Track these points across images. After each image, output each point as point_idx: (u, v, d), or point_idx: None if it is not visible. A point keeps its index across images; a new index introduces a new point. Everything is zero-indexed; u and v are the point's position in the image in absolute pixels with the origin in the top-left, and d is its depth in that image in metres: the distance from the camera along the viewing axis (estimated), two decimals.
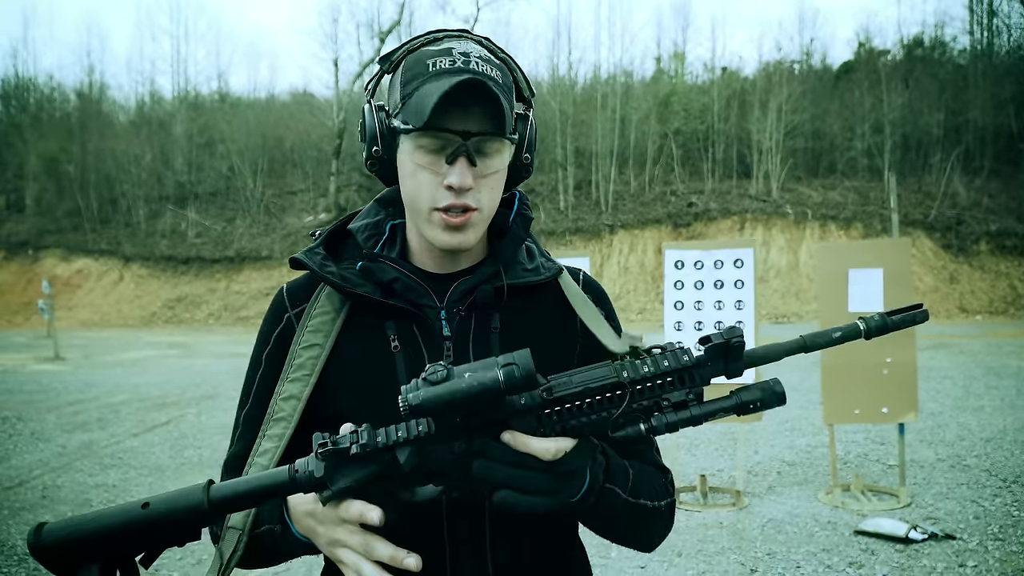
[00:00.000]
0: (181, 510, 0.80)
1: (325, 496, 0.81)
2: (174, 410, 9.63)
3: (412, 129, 0.94)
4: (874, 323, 0.81)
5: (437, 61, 0.96)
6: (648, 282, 28.02)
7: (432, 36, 1.01)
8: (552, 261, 1.14)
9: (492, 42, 1.03)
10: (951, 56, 36.57)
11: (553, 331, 1.10)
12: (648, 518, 1.02)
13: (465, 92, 0.91)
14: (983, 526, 4.66)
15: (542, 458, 0.81)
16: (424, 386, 0.76)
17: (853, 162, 32.21)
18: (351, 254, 1.09)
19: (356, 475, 0.80)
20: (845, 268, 5.46)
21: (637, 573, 4.12)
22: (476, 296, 1.04)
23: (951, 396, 9.29)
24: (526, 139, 1.04)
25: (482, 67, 0.96)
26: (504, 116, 0.94)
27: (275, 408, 0.99)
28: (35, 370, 14.73)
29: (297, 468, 0.81)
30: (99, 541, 0.79)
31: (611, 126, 33.08)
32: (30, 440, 7.86)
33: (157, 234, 35.13)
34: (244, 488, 0.82)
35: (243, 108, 41.34)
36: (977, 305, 24.98)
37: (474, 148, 0.96)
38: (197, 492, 0.81)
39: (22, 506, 5.52)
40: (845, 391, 5.37)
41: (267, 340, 1.09)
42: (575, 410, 0.81)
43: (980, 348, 15.00)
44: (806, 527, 4.77)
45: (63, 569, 0.79)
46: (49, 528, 0.79)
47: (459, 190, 0.96)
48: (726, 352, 0.80)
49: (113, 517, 0.79)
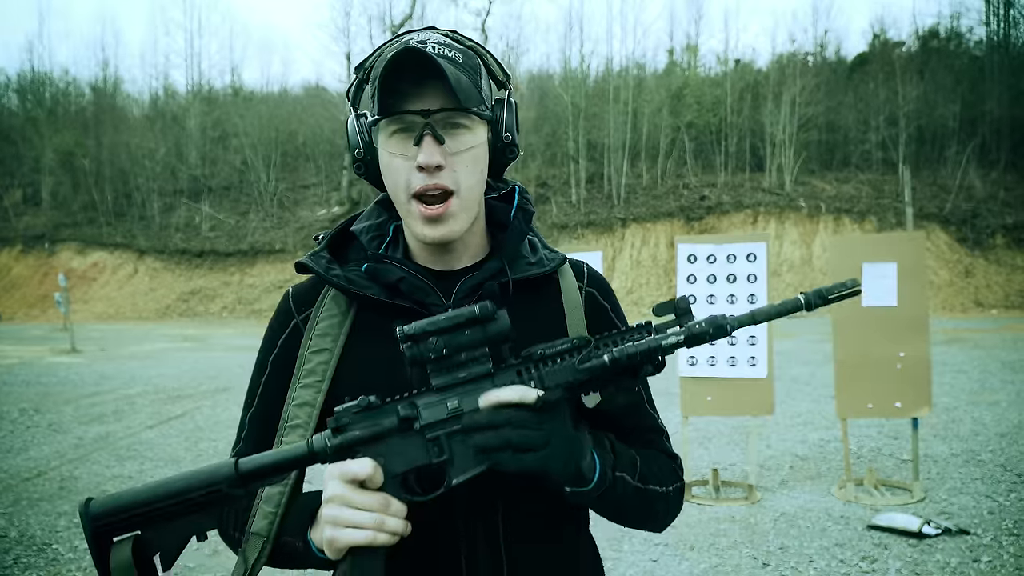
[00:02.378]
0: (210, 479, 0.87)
1: (333, 444, 0.88)
2: (189, 402, 9.71)
3: (378, 119, 0.98)
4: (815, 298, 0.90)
5: (392, 53, 0.96)
6: (660, 276, 27.95)
7: (397, 39, 1.03)
8: (555, 251, 1.14)
9: (459, 33, 1.05)
10: (967, 47, 36.22)
11: (559, 322, 1.10)
12: (657, 502, 1.04)
13: (413, 69, 0.93)
14: (997, 521, 4.64)
15: (523, 402, 0.87)
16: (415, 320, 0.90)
17: (867, 155, 31.98)
18: (356, 256, 1.10)
19: (365, 428, 0.88)
20: (859, 262, 5.43)
21: (649, 567, 4.13)
22: (482, 292, 1.05)
23: (966, 390, 9.23)
24: (503, 120, 1.05)
25: (438, 50, 0.97)
26: (461, 89, 0.94)
27: (289, 415, 1.01)
28: (52, 362, 14.87)
29: (313, 441, 0.89)
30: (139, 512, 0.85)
31: (623, 119, 32.97)
32: (47, 432, 7.95)
33: (171, 227, 35.34)
34: (271, 460, 0.89)
35: (256, 102, 41.47)
36: (993, 299, 24.77)
37: (440, 126, 0.97)
38: (227, 467, 0.88)
39: (40, 497, 5.59)
40: (858, 385, 5.35)
41: (273, 345, 1.10)
42: (548, 363, 0.91)
43: (995, 342, 14.88)
44: (819, 521, 4.77)
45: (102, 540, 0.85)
46: (96, 501, 0.86)
47: (428, 168, 0.97)
48: (667, 310, 0.92)
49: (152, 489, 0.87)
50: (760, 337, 5.37)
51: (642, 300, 26.68)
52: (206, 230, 35.00)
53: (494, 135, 1.05)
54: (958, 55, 35.41)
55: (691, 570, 4.08)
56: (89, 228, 35.95)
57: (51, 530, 4.86)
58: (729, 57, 38.26)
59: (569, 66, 37.07)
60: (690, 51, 39.41)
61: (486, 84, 1.05)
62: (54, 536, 4.75)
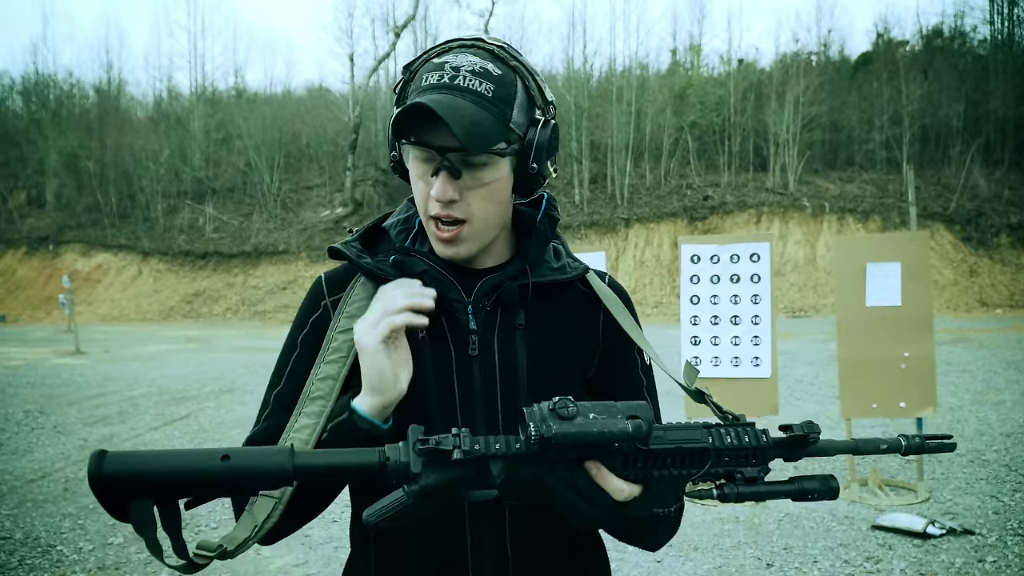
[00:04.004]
0: (263, 471, 0.78)
1: (412, 490, 0.80)
2: (193, 404, 9.72)
3: (401, 143, 1.00)
4: (914, 444, 0.93)
5: (428, 76, 0.97)
6: (664, 276, 27.93)
7: (447, 46, 1.02)
8: (579, 262, 1.15)
9: (507, 49, 1.02)
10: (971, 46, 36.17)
11: (576, 330, 1.12)
12: (657, 524, 1.03)
13: (425, 115, 0.92)
14: (1002, 521, 4.63)
15: (615, 497, 0.87)
16: (554, 419, 0.79)
17: (871, 154, 31.93)
18: (385, 249, 1.12)
19: (446, 475, 0.81)
20: (863, 262, 5.42)
21: (653, 567, 4.13)
22: (502, 292, 1.06)
23: (970, 390, 9.21)
24: (534, 145, 1.02)
25: (468, 81, 0.96)
26: (478, 134, 0.94)
27: (312, 388, 1.02)
28: (56, 364, 14.90)
29: (388, 455, 0.80)
30: (166, 482, 0.76)
31: (626, 119, 32.97)
32: (52, 433, 7.97)
33: (175, 229, 35.42)
34: (329, 461, 0.81)
35: (260, 104, 41.58)
36: (997, 299, 24.71)
37: (458, 162, 0.97)
38: (282, 456, 0.78)
39: (45, 498, 5.60)
40: (863, 385, 5.34)
41: (304, 324, 1.11)
42: (660, 463, 0.88)
43: (1000, 342, 14.84)
44: (823, 522, 4.76)
45: (115, 501, 0.75)
46: (113, 457, 0.74)
47: (439, 201, 0.99)
48: (799, 443, 0.90)
49: (188, 462, 0.77)
50: (764, 337, 5.36)
51: (645, 300, 26.66)
52: (210, 232, 35.06)
53: (521, 164, 1.04)
54: (962, 54, 35.37)
55: (695, 570, 4.08)
56: (93, 230, 36.03)
57: (56, 531, 4.86)
58: (732, 57, 38.29)
59: (572, 66, 37.11)
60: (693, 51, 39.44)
61: (520, 113, 1.01)
62: (59, 537, 4.76)
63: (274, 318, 28.39)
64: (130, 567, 4.26)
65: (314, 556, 4.36)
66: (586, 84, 35.26)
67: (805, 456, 0.91)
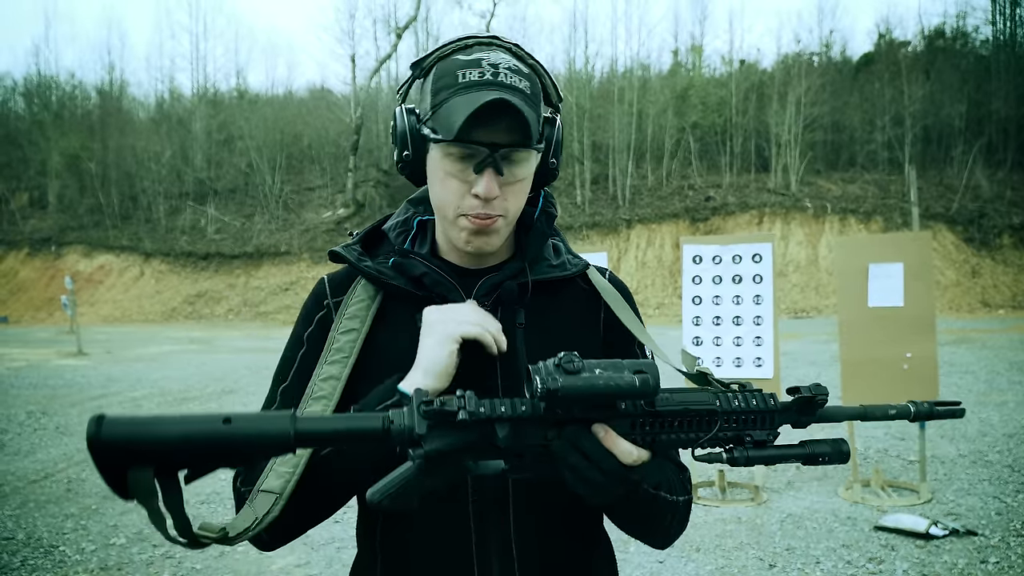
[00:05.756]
0: (265, 435, 0.75)
1: (418, 454, 0.78)
2: (195, 404, 9.73)
3: (442, 140, 0.97)
4: (923, 409, 0.91)
5: (466, 72, 0.98)
6: (666, 277, 27.93)
7: (462, 43, 1.02)
8: (578, 257, 1.16)
9: (521, 48, 1.04)
10: (973, 47, 36.16)
11: (576, 327, 1.12)
12: (666, 511, 1.03)
13: (493, 109, 0.93)
14: (1005, 522, 4.62)
15: (623, 460, 0.85)
16: (560, 374, 0.77)
17: (873, 155, 31.92)
18: (385, 251, 1.12)
19: (451, 439, 0.79)
20: (865, 262, 5.41)
21: (655, 568, 4.13)
22: (501, 292, 1.07)
23: (973, 391, 9.20)
24: (552, 144, 1.07)
25: (510, 79, 0.98)
26: (530, 128, 0.96)
27: (314, 388, 1.02)
28: (59, 365, 14.92)
29: (392, 419, 0.78)
30: (167, 446, 0.72)
31: (628, 120, 32.99)
32: (55, 434, 7.97)
33: (177, 230, 35.47)
34: (332, 427, 0.78)
35: (261, 105, 41.63)
36: (1000, 299, 24.69)
37: (501, 158, 0.98)
38: (284, 420, 0.75)
39: (47, 499, 5.61)
40: (865, 385, 5.33)
41: (309, 321, 1.12)
42: (667, 426, 0.87)
43: (1003, 342, 14.82)
44: (825, 523, 4.75)
45: (114, 467, 0.71)
46: (112, 421, 0.70)
47: (485, 199, 0.99)
48: (807, 406, 0.89)
49: (189, 424, 0.73)
50: (766, 338, 5.35)
51: (647, 301, 26.66)
52: (211, 233, 35.10)
53: (540, 159, 1.07)
54: (964, 54, 35.36)
55: (697, 571, 4.07)
56: (95, 231, 36.09)
57: (58, 532, 4.87)
58: (734, 58, 38.32)
59: (574, 67, 37.11)
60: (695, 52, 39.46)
61: (542, 111, 1.06)
62: (61, 538, 4.76)
63: (276, 319, 28.42)
64: (132, 567, 4.27)
65: (316, 557, 4.36)
66: (588, 85, 35.28)
67: (813, 422, 0.91)
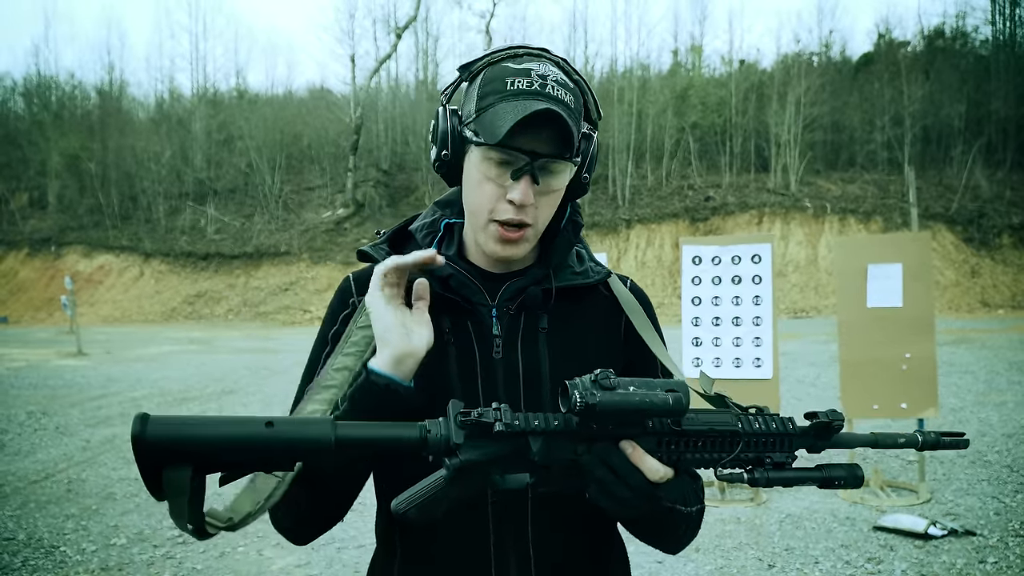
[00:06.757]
0: (306, 440, 0.77)
1: (453, 463, 0.81)
2: (195, 405, 9.74)
3: (484, 144, 0.98)
4: (930, 439, 0.96)
5: (516, 80, 0.99)
6: (665, 277, 27.94)
7: (512, 52, 1.04)
8: (601, 266, 1.17)
9: (568, 63, 1.06)
10: (973, 47, 36.17)
11: (599, 334, 1.14)
12: (680, 522, 1.04)
13: (538, 118, 0.94)
14: (1004, 522, 4.63)
15: (650, 477, 0.87)
16: (598, 389, 0.80)
17: (873, 155, 31.93)
18: (411, 251, 1.12)
19: (486, 450, 0.82)
20: (864, 263, 5.42)
21: (655, 568, 4.13)
22: (525, 297, 1.08)
23: (972, 391, 9.21)
24: (587, 158, 1.07)
25: (557, 91, 0.99)
26: (571, 141, 0.98)
27: (327, 377, 1.02)
28: (58, 365, 14.92)
29: (429, 429, 0.81)
30: (210, 447, 0.74)
31: (628, 120, 33.00)
32: (55, 435, 7.98)
33: (177, 230, 35.46)
34: (371, 434, 0.81)
35: (261, 105, 41.63)
36: (999, 299, 24.70)
37: (539, 167, 0.99)
38: (325, 425, 0.78)
39: (48, 499, 5.61)
40: (864, 386, 5.34)
41: (334, 320, 1.12)
42: (692, 445, 0.90)
43: (1002, 343, 14.83)
44: (824, 523, 4.76)
45: (153, 465, 0.72)
46: (156, 420, 0.73)
47: (520, 206, 1.00)
48: (824, 431, 0.93)
49: (232, 426, 0.75)
50: (765, 338, 5.36)
51: None
52: (211, 233, 35.09)
53: (575, 173, 1.08)
54: (964, 55, 35.37)
55: (697, 571, 4.08)
56: (95, 231, 36.08)
57: (59, 532, 4.88)
58: (734, 58, 38.34)
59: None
60: (694, 52, 39.46)
61: (582, 126, 1.06)
62: (62, 538, 4.77)
63: (276, 319, 28.42)
64: (133, 568, 4.27)
65: (316, 557, 4.37)
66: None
67: (828, 447, 0.95)
